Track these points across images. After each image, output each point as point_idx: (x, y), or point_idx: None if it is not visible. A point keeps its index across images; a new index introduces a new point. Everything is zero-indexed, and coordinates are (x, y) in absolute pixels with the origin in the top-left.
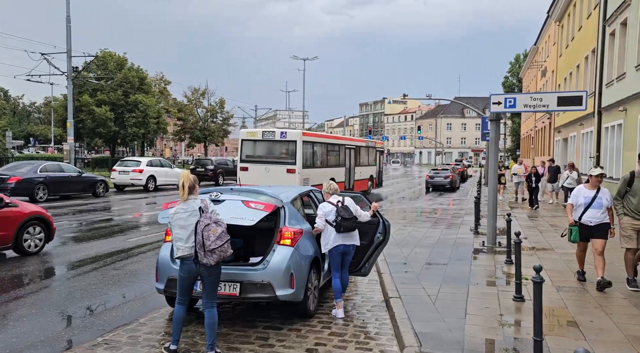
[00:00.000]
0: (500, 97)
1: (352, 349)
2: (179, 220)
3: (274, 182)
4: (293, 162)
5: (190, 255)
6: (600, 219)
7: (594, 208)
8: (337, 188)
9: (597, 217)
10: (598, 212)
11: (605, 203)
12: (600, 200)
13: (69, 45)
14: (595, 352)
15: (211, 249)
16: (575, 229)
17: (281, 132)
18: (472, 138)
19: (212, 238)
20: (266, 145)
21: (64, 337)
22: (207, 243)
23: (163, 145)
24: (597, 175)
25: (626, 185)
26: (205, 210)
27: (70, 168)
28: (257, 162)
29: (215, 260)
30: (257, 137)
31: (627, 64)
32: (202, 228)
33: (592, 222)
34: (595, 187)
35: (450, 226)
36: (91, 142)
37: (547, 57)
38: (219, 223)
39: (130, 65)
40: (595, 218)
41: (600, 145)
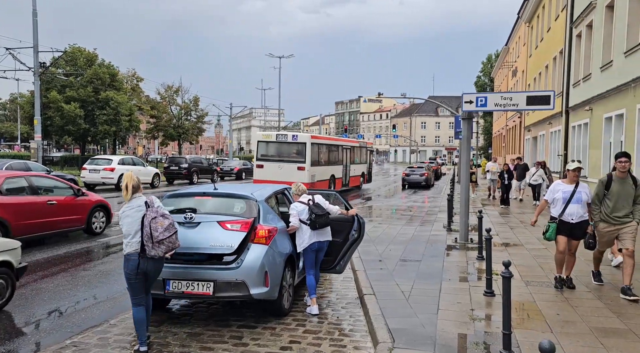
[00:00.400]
0: (472, 96)
1: (327, 346)
2: (126, 217)
3: (286, 178)
4: (303, 161)
5: (137, 250)
6: (581, 215)
7: (574, 203)
8: (305, 189)
9: (578, 213)
10: (579, 208)
11: (585, 198)
12: (579, 195)
13: (35, 40)
14: (561, 343)
15: (159, 240)
16: (553, 226)
17: (293, 135)
18: (446, 136)
19: (159, 229)
20: (279, 146)
21: (31, 340)
22: (155, 235)
23: (136, 143)
24: (574, 169)
25: (604, 188)
26: (151, 205)
27: (38, 167)
28: (271, 160)
29: (164, 252)
30: (271, 139)
31: (593, 65)
32: (150, 220)
33: (573, 218)
34: (574, 182)
35: (424, 223)
36: (60, 140)
37: (518, 58)
38: (166, 216)
39: (100, 61)
40: (576, 214)
41: (567, 143)
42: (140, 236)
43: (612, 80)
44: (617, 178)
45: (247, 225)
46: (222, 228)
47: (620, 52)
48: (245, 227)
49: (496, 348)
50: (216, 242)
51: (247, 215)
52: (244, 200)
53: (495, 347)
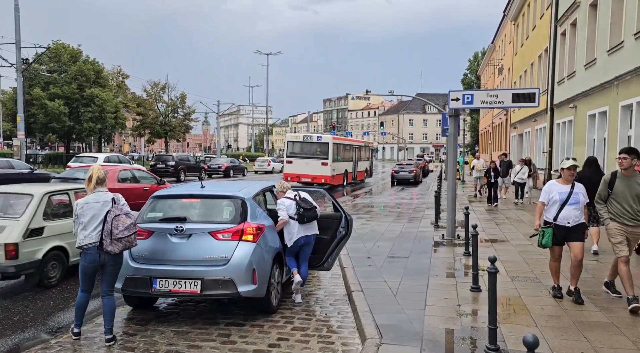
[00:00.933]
0: (459, 94)
1: (315, 343)
2: (90, 209)
3: (312, 171)
4: (326, 158)
5: (95, 243)
6: (578, 218)
7: (571, 205)
8: (289, 186)
9: (574, 215)
10: (576, 210)
11: (582, 200)
12: (577, 196)
13: (18, 36)
14: (545, 337)
15: (118, 238)
16: (548, 231)
17: (317, 136)
18: (434, 134)
19: (120, 227)
20: (306, 145)
21: (14, 340)
22: (115, 232)
23: (122, 140)
24: (569, 167)
25: (607, 187)
26: (117, 202)
27: (21, 164)
28: (299, 157)
29: (120, 249)
30: (299, 139)
31: (577, 63)
32: (112, 217)
33: (569, 222)
34: (569, 182)
35: (412, 220)
36: (44, 137)
37: (504, 56)
38: (129, 215)
39: (85, 58)
40: (572, 217)
41: (552, 140)
42: (100, 230)
43: (596, 78)
44: (622, 176)
45: (238, 233)
46: (214, 239)
47: (604, 50)
48: (237, 235)
49: (482, 343)
50: (210, 254)
51: (237, 220)
52: (232, 200)
53: (482, 341)
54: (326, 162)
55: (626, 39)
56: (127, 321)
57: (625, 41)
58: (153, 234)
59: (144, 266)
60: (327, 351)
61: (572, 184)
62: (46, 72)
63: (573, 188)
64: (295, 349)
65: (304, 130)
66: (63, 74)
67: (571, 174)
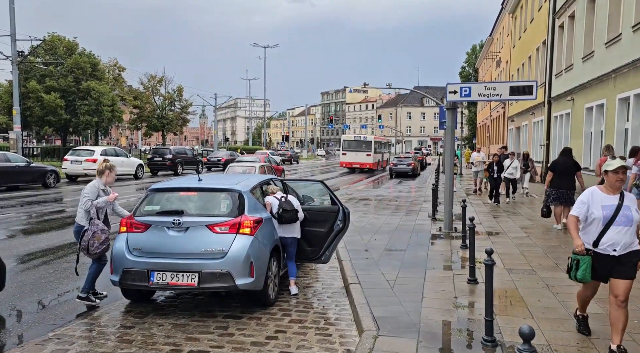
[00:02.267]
0: (457, 86)
1: (312, 335)
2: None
3: (359, 160)
4: (370, 151)
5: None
6: (628, 244)
7: (619, 225)
8: (279, 189)
9: (624, 241)
10: (626, 233)
11: (636, 218)
12: (628, 212)
13: (13, 28)
14: (541, 328)
15: (93, 253)
16: (586, 260)
17: (363, 136)
18: (431, 127)
19: (96, 244)
20: (355, 142)
21: (12, 333)
22: (92, 250)
23: (119, 134)
24: (615, 169)
25: None
26: (93, 218)
27: (18, 158)
28: (350, 151)
29: (97, 257)
30: (351, 138)
31: (575, 56)
32: (90, 236)
33: (615, 249)
34: (617, 190)
35: (410, 213)
36: (40, 130)
37: (502, 48)
38: (104, 231)
39: (81, 51)
40: (621, 243)
41: (550, 133)
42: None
43: (594, 71)
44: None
45: (235, 226)
46: (211, 232)
47: (602, 43)
48: (234, 228)
49: (479, 335)
50: (207, 247)
51: (235, 213)
52: (229, 193)
53: (478, 333)
54: (370, 154)
55: (624, 31)
56: (125, 314)
57: (623, 34)
58: (150, 227)
59: (142, 259)
60: (325, 343)
61: (621, 194)
62: (42, 65)
63: (622, 200)
64: (293, 341)
65: (301, 124)
66: (59, 66)
67: (620, 179)
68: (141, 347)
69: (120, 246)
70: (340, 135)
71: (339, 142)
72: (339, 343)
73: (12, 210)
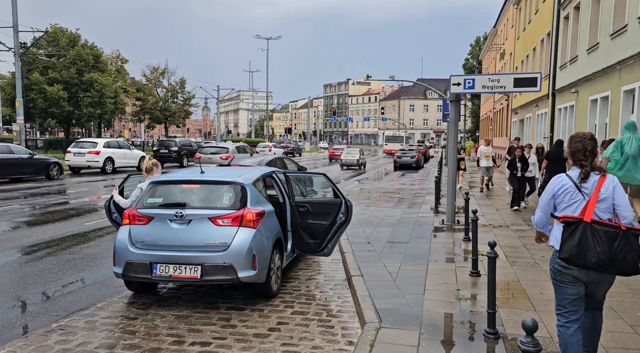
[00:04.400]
0: (460, 78)
1: (315, 327)
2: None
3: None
4: (402, 142)
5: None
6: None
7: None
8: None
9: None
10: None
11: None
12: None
13: (15, 19)
14: (544, 321)
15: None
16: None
17: (398, 132)
18: (434, 119)
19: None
20: (393, 137)
21: (16, 324)
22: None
23: (121, 126)
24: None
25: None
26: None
27: (21, 149)
28: (390, 142)
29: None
30: (390, 134)
31: (580, 47)
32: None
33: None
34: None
35: (412, 205)
36: (44, 122)
37: (506, 40)
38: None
39: (83, 42)
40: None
41: (554, 126)
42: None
43: (598, 63)
44: None
45: (238, 219)
46: (214, 224)
47: (607, 34)
48: (237, 221)
49: (481, 327)
50: (210, 240)
51: (237, 205)
52: (232, 185)
53: (480, 325)
54: (402, 144)
55: (630, 22)
56: (128, 305)
57: (629, 25)
58: (153, 220)
59: (144, 251)
60: (327, 335)
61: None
62: (44, 57)
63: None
64: (295, 333)
65: (304, 116)
66: (61, 58)
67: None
68: (144, 338)
69: (123, 238)
70: (343, 128)
71: (341, 134)
72: (341, 335)
73: (15, 201)
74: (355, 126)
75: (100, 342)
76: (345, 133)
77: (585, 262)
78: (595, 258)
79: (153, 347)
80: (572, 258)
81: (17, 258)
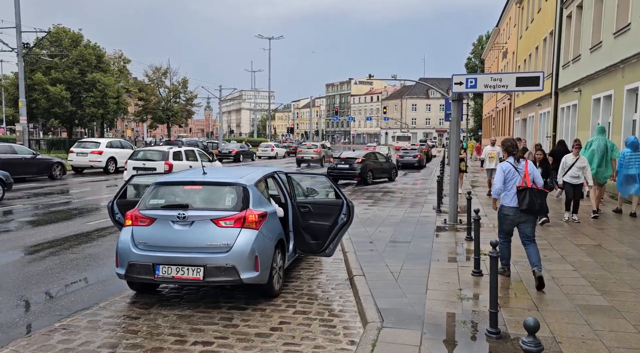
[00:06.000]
0: (462, 78)
1: (317, 326)
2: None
3: (405, 146)
4: (409, 141)
5: None
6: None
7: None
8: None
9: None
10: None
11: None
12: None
13: (18, 20)
14: (546, 321)
15: None
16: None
17: (404, 132)
18: (437, 119)
19: None
20: (403, 136)
21: (19, 324)
22: None
23: (124, 126)
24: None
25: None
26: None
27: (24, 149)
28: (400, 141)
29: None
30: (400, 134)
31: (583, 46)
32: None
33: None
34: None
35: (414, 205)
36: (46, 122)
37: (508, 39)
38: None
39: (86, 42)
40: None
41: (556, 125)
42: None
43: (601, 61)
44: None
45: (240, 220)
46: (216, 226)
47: (610, 33)
48: (239, 222)
49: (483, 327)
50: (212, 241)
51: (239, 207)
52: (234, 187)
53: (483, 325)
54: (409, 142)
55: (633, 21)
56: (131, 305)
57: (632, 23)
58: (155, 221)
59: (147, 253)
60: (329, 334)
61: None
62: (47, 57)
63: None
64: (297, 332)
65: (306, 116)
66: (64, 58)
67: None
68: (146, 337)
69: (125, 239)
70: (345, 127)
71: (343, 134)
72: (343, 335)
73: (18, 201)
74: (357, 126)
75: (102, 341)
76: (347, 132)
77: (534, 209)
78: (537, 206)
79: (155, 347)
80: (528, 209)
81: (20, 258)
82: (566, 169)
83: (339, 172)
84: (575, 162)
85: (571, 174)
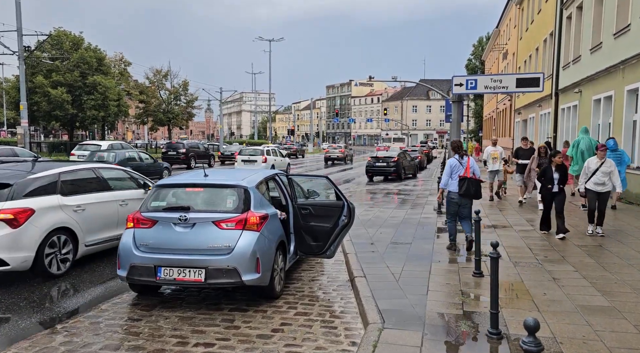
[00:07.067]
0: (462, 79)
1: (318, 328)
2: None
3: (401, 145)
4: (403, 143)
5: None
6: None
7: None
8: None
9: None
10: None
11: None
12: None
13: (19, 23)
14: (547, 321)
15: None
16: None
17: (399, 135)
18: (437, 120)
19: None
20: (398, 138)
21: (20, 325)
22: None
23: (125, 128)
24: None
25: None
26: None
27: (25, 152)
28: (395, 142)
29: None
30: (393, 135)
31: (583, 47)
32: None
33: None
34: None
35: (415, 206)
36: (48, 125)
37: (508, 40)
38: None
39: (87, 45)
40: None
41: (557, 125)
42: None
43: (602, 62)
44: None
45: (242, 222)
46: (217, 228)
47: (610, 34)
48: (240, 224)
49: (484, 328)
50: (214, 243)
51: (240, 209)
52: (235, 189)
53: (483, 326)
54: (403, 143)
55: (633, 21)
56: (132, 306)
57: (632, 24)
58: (157, 223)
59: (149, 255)
60: (330, 336)
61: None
62: (48, 60)
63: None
64: (298, 334)
65: (307, 117)
66: (65, 61)
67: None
68: (148, 339)
69: (127, 241)
70: (346, 129)
71: (344, 135)
72: (344, 336)
73: None
74: (358, 127)
75: (104, 343)
76: (348, 134)
77: (469, 194)
78: (471, 192)
79: (157, 348)
80: (465, 193)
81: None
82: (589, 174)
83: (377, 169)
84: (600, 166)
85: (595, 181)
